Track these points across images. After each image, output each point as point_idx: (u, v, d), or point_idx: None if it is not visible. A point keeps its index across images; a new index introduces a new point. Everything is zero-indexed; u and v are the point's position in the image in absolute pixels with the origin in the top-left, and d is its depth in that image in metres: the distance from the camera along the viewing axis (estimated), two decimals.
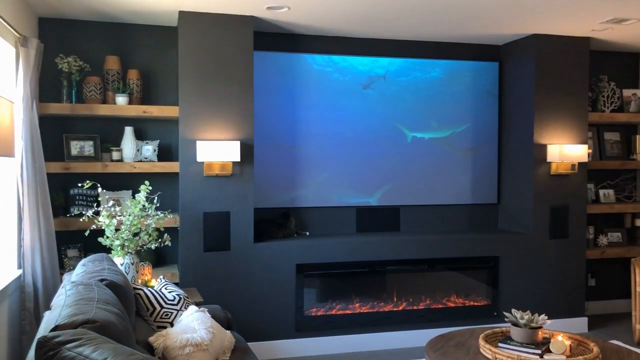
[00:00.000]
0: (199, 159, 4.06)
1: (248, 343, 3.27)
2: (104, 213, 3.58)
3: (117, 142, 4.28)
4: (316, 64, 4.73)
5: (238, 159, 4.08)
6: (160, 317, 2.96)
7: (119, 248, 3.55)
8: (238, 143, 4.08)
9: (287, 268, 4.35)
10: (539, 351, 2.88)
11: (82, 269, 2.80)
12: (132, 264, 3.57)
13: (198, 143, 4.06)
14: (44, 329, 2.08)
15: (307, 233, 4.76)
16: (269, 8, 3.97)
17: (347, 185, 4.84)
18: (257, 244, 4.29)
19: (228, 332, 3.04)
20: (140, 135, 4.38)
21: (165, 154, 4.42)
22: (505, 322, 3.12)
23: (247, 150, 4.21)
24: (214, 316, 3.08)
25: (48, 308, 2.85)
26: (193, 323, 2.78)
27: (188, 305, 3.05)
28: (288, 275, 4.35)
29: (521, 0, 3.81)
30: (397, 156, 4.94)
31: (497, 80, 5.15)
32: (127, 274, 3.52)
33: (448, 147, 5.05)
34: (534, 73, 4.78)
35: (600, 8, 4.00)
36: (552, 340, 2.99)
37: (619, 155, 5.49)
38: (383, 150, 4.90)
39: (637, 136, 5.40)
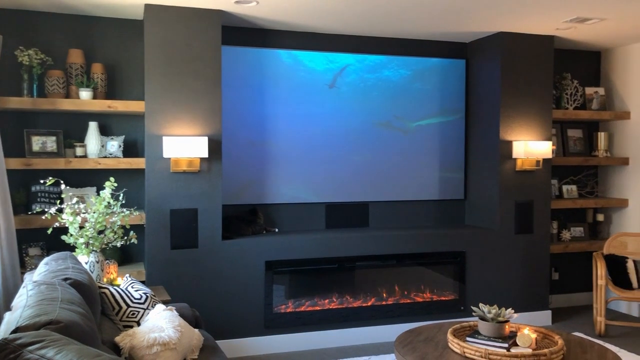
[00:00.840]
0: (166, 155, 3.99)
1: (217, 341, 3.23)
2: (67, 210, 3.49)
3: (81, 137, 4.18)
4: (285, 59, 4.71)
5: (206, 155, 4.03)
6: (127, 316, 2.91)
7: (83, 246, 3.47)
8: (206, 139, 4.03)
9: (256, 265, 4.32)
10: (506, 345, 2.93)
11: (45, 268, 2.72)
12: (97, 262, 3.49)
13: (165, 139, 3.99)
14: (4, 331, 2.01)
15: (276, 230, 4.74)
16: (237, 2, 3.93)
17: (316, 181, 4.83)
18: (226, 241, 4.25)
19: (196, 330, 3.00)
20: (104, 131, 4.28)
21: (130, 149, 4.34)
22: (473, 316, 3.16)
23: (215, 146, 4.16)
24: (182, 314, 3.03)
25: (8, 309, 2.77)
26: (160, 322, 2.73)
27: (155, 304, 3.00)
28: (257, 272, 4.32)
29: None
30: (365, 153, 4.95)
31: (464, 78, 5.21)
32: (92, 272, 3.44)
33: (416, 144, 5.09)
34: (500, 71, 4.84)
35: (564, 7, 4.08)
36: (518, 334, 3.04)
37: (582, 152, 5.62)
38: (352, 146, 4.91)
39: (599, 133, 5.54)
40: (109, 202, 3.58)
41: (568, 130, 5.60)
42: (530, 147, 4.81)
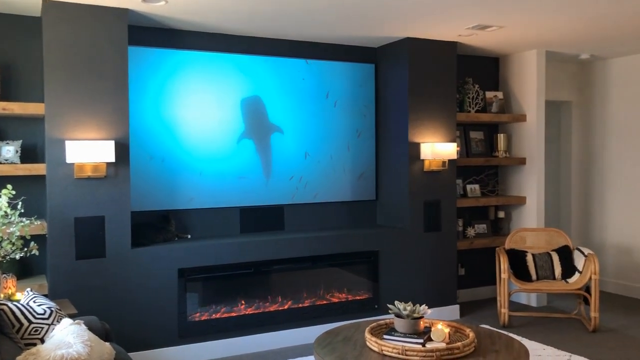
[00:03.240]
0: (69, 160, 3.76)
1: (129, 354, 3.09)
2: None
3: None
4: (194, 60, 4.59)
5: (113, 159, 3.84)
6: (29, 334, 2.71)
7: None
8: (112, 143, 3.84)
9: (169, 273, 4.18)
10: (421, 340, 3.02)
11: None
12: None
13: (67, 143, 3.76)
14: None
15: (189, 236, 4.61)
16: (144, 0, 3.78)
17: (229, 185, 4.75)
18: (136, 249, 4.07)
19: (107, 343, 2.84)
20: None
21: (29, 155, 4.05)
22: (389, 313, 3.23)
23: (122, 150, 3.98)
24: (91, 328, 2.87)
25: None
26: (67, 337, 2.57)
27: (61, 319, 2.82)
28: (169, 281, 4.18)
29: (394, 3, 3.96)
30: (278, 155, 4.93)
31: (373, 82, 5.33)
32: None
33: (328, 147, 5.14)
34: (408, 75, 5.00)
35: (466, 15, 4.28)
36: (432, 329, 3.14)
37: (483, 153, 5.92)
38: (265, 148, 4.88)
39: (499, 135, 5.87)
40: (5, 212, 3.33)
41: (470, 132, 5.89)
42: (436, 148, 5.00)
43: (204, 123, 4.64)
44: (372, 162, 5.36)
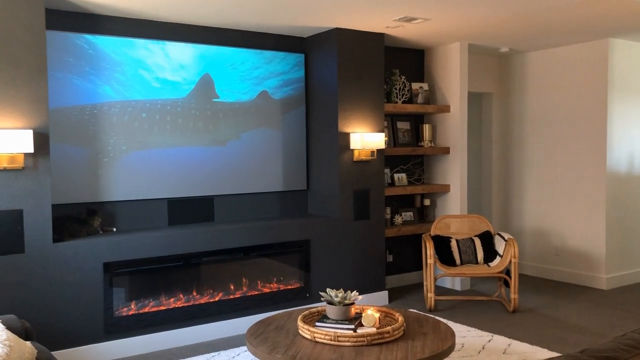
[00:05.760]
0: None
1: (53, 352, 2.97)
2: None
3: None
4: (117, 47, 4.43)
5: (31, 150, 3.65)
6: None
7: None
8: (30, 132, 3.65)
9: (93, 268, 4.03)
10: (352, 326, 3.07)
11: None
12: None
13: None
14: None
15: (114, 229, 4.47)
16: None
17: (156, 176, 4.63)
18: (58, 244, 3.90)
19: (28, 343, 2.71)
20: None
21: None
22: (321, 301, 3.27)
23: (41, 140, 3.78)
24: (9, 327, 2.74)
25: None
26: None
27: None
28: (94, 276, 4.03)
29: None
30: (209, 146, 4.85)
31: (303, 71, 5.34)
32: None
33: (259, 137, 5.11)
34: (337, 65, 5.05)
35: (393, 6, 4.35)
36: (363, 315, 3.21)
37: (410, 143, 6.08)
38: (194, 140, 4.79)
39: (424, 125, 6.03)
40: None
41: (397, 123, 6.02)
42: (365, 138, 5.08)
43: (131, 112, 4.49)
44: (303, 152, 5.38)
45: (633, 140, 6.06)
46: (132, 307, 4.26)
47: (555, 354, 3.97)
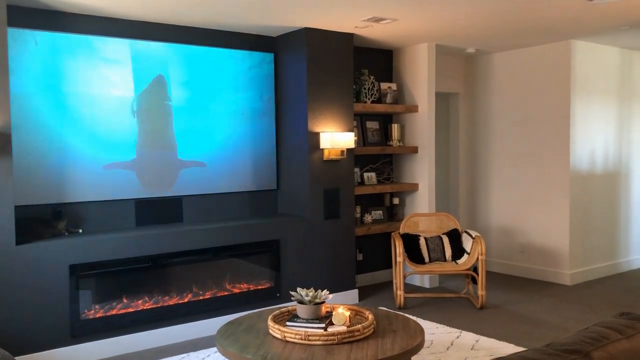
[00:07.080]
0: None
1: (16, 357, 2.90)
2: None
3: None
4: (80, 44, 4.35)
5: None
6: None
7: None
8: None
9: (59, 270, 3.95)
10: (323, 325, 3.08)
11: None
12: None
13: None
14: None
15: (80, 230, 4.38)
16: None
17: (122, 177, 4.56)
18: (20, 246, 3.81)
19: None
20: None
21: None
22: (292, 300, 3.26)
23: (2, 139, 3.69)
24: None
25: None
26: None
27: None
28: (59, 278, 3.95)
29: None
30: (176, 145, 4.80)
31: (273, 71, 5.32)
32: None
33: (228, 136, 5.08)
34: (306, 65, 5.05)
35: (362, 7, 4.38)
36: (334, 313, 3.22)
37: (379, 142, 6.12)
38: (163, 139, 4.73)
39: (393, 125, 6.09)
40: None
41: (367, 122, 6.06)
42: (335, 138, 5.10)
43: (97, 111, 4.41)
44: (272, 151, 5.36)
45: (594, 139, 6.22)
46: (99, 309, 4.19)
47: (521, 349, 4.06)
